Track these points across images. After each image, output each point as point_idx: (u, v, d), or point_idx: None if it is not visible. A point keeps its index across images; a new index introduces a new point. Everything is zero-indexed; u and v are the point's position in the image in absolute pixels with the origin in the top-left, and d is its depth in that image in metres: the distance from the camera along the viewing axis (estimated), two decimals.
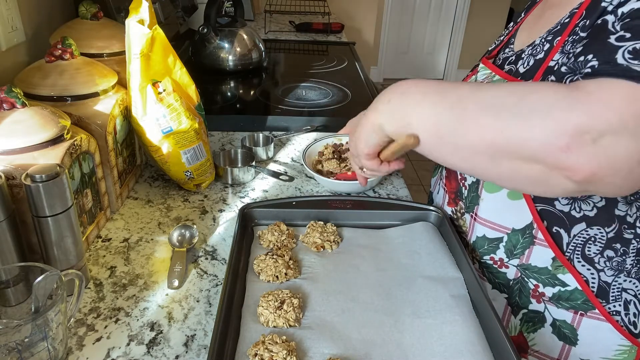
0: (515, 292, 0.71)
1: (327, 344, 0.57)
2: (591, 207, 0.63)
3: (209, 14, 1.50)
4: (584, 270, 0.65)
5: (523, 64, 0.67)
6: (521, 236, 0.68)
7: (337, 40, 2.23)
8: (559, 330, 0.69)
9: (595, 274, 0.64)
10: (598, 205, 0.62)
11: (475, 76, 0.76)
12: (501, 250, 0.71)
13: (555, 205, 0.64)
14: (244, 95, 1.49)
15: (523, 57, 0.68)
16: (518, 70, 0.67)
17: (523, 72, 0.66)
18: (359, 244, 0.75)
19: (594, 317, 0.66)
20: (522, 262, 0.69)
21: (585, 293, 0.65)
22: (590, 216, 0.63)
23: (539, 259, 0.67)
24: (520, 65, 0.67)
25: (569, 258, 0.65)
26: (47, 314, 0.51)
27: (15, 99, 0.64)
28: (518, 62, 0.68)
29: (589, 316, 0.66)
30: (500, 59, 0.75)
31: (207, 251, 0.78)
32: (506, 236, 0.70)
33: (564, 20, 0.62)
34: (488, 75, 0.73)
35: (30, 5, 0.99)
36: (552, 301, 0.68)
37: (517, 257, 0.69)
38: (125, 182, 0.91)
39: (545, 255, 0.66)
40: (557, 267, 0.66)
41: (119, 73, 0.86)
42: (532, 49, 0.67)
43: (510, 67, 0.70)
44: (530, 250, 0.67)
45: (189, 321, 0.64)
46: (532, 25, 0.72)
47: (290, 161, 1.08)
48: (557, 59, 0.60)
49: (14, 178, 0.62)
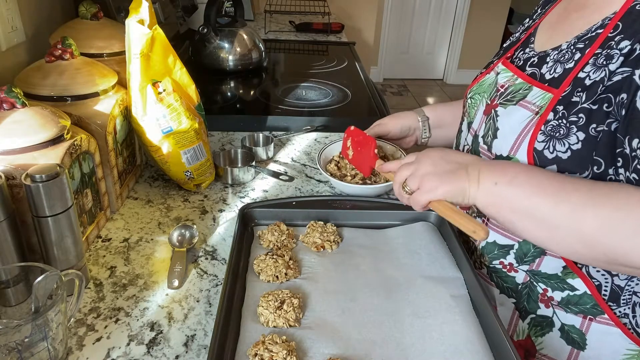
0: (523, 296, 0.70)
1: (327, 344, 0.57)
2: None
3: (209, 14, 1.50)
4: (598, 275, 0.64)
5: (549, 70, 0.64)
6: (532, 246, 0.67)
7: (337, 40, 2.23)
8: (567, 334, 0.68)
9: (609, 278, 0.63)
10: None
11: (495, 78, 0.73)
12: (511, 256, 0.70)
13: None
14: (244, 95, 1.49)
15: (548, 62, 0.65)
16: (543, 76, 0.64)
17: (549, 79, 0.63)
18: (359, 244, 0.75)
19: (603, 321, 0.65)
20: (532, 269, 0.68)
21: (595, 298, 0.64)
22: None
23: (549, 267, 0.66)
24: (546, 71, 0.64)
25: (582, 265, 0.64)
26: (47, 314, 0.51)
27: (15, 99, 0.64)
28: (542, 65, 0.66)
29: (598, 321, 0.65)
30: (520, 59, 0.71)
31: (207, 251, 0.78)
32: (517, 244, 0.69)
33: (595, 28, 0.60)
34: (510, 78, 0.70)
35: (30, 5, 0.99)
36: (561, 305, 0.67)
37: (527, 264, 0.68)
38: (125, 182, 0.90)
39: (556, 263, 0.66)
40: (567, 273, 0.65)
41: (119, 73, 0.86)
42: (558, 53, 0.64)
43: (534, 70, 0.67)
44: (542, 259, 0.67)
45: (189, 321, 0.64)
46: (556, 25, 0.69)
47: (290, 161, 1.08)
48: (589, 71, 0.58)
49: (14, 178, 0.62)
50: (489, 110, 0.71)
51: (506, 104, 0.68)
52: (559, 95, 0.61)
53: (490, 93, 0.73)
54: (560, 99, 0.60)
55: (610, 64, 0.56)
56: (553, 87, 0.62)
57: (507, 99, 0.68)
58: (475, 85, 0.79)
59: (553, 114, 0.60)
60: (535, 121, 0.62)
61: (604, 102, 0.56)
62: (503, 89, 0.70)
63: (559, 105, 0.60)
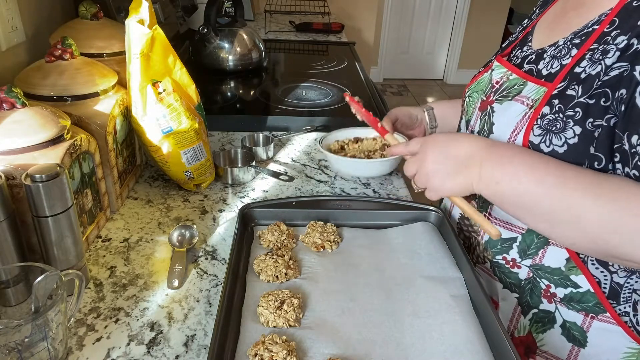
0: (526, 291, 0.71)
1: (327, 344, 0.57)
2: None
3: (209, 14, 1.51)
4: (597, 272, 0.64)
5: (546, 65, 0.65)
6: (536, 236, 0.67)
7: (337, 40, 2.23)
8: (568, 331, 0.68)
9: (608, 275, 0.64)
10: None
11: (490, 74, 0.75)
12: (514, 250, 0.70)
13: None
14: (244, 95, 1.49)
15: (545, 58, 0.66)
16: (540, 72, 0.65)
17: (546, 74, 0.64)
18: (359, 244, 0.75)
19: (605, 320, 0.65)
20: (535, 263, 0.68)
21: (597, 295, 0.64)
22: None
23: (552, 260, 0.67)
24: (543, 67, 0.65)
25: (584, 260, 0.64)
26: (47, 314, 0.51)
27: (15, 99, 0.64)
28: (539, 62, 0.66)
29: (600, 319, 0.65)
30: (517, 57, 0.72)
31: (207, 251, 0.78)
32: (520, 236, 0.69)
33: (591, 24, 0.61)
34: (504, 73, 0.71)
35: (30, 5, 0.99)
36: (564, 302, 0.67)
37: (530, 257, 0.69)
38: (125, 182, 0.90)
39: (559, 255, 0.66)
40: (571, 268, 0.65)
41: (119, 73, 0.86)
42: (555, 49, 0.65)
43: (531, 66, 0.68)
44: (545, 251, 0.67)
45: (189, 321, 0.64)
46: (553, 24, 0.70)
47: (290, 161, 1.08)
48: (585, 66, 0.59)
49: (14, 178, 0.62)
50: (485, 107, 0.72)
51: (502, 100, 0.69)
52: (553, 89, 0.61)
53: (486, 89, 0.74)
54: (556, 92, 0.61)
55: (606, 59, 0.57)
56: (548, 82, 0.63)
57: (503, 94, 0.69)
58: (473, 84, 0.80)
59: (549, 108, 0.61)
60: (530, 114, 0.63)
61: (601, 96, 0.57)
62: (498, 85, 0.71)
63: (555, 99, 0.61)
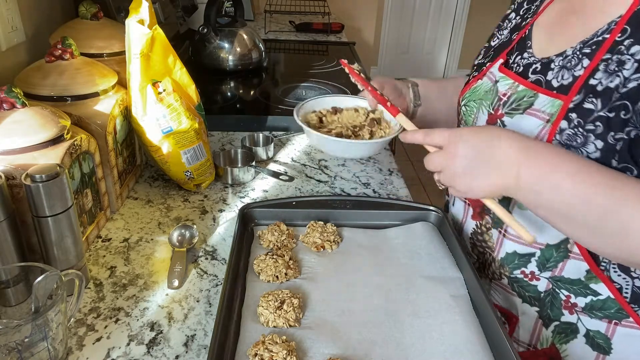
0: (546, 304, 0.69)
1: (327, 344, 0.57)
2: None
3: (209, 14, 1.50)
4: (619, 279, 0.63)
5: (555, 76, 0.63)
6: (555, 251, 0.66)
7: (337, 40, 2.23)
8: (592, 340, 0.67)
9: (630, 281, 0.63)
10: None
11: (495, 86, 0.71)
12: (533, 264, 0.69)
13: None
14: (244, 95, 1.49)
15: (553, 68, 0.63)
16: (550, 83, 0.63)
17: (557, 86, 0.62)
18: (359, 244, 0.75)
19: (628, 325, 0.64)
20: (555, 275, 0.67)
21: (618, 301, 0.63)
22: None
23: (572, 272, 0.65)
24: (552, 78, 0.63)
25: (605, 269, 0.63)
26: (47, 314, 0.51)
27: (15, 99, 0.64)
28: (547, 72, 0.64)
29: (623, 325, 0.65)
30: (519, 65, 0.69)
31: (207, 251, 0.78)
32: (539, 252, 0.67)
33: (601, 33, 0.59)
34: (511, 85, 0.68)
35: (30, 5, 0.99)
36: (585, 311, 0.66)
37: (550, 270, 0.67)
38: (125, 182, 0.90)
39: (579, 267, 0.64)
40: (590, 278, 0.64)
41: (119, 73, 0.86)
42: (563, 59, 0.62)
43: (538, 77, 0.65)
44: (564, 264, 0.66)
45: (189, 321, 0.64)
46: (553, 28, 0.67)
47: (290, 161, 1.08)
48: (600, 77, 0.57)
49: (14, 178, 0.62)
50: (494, 120, 0.70)
51: (512, 113, 0.67)
52: (568, 102, 0.59)
53: (493, 102, 0.71)
54: (573, 106, 0.59)
55: (623, 70, 0.55)
56: (562, 94, 0.61)
57: (513, 107, 0.67)
58: (468, 92, 0.77)
59: (567, 122, 0.59)
60: (548, 129, 0.61)
61: (621, 109, 0.55)
62: (506, 98, 0.69)
63: (572, 113, 0.59)
